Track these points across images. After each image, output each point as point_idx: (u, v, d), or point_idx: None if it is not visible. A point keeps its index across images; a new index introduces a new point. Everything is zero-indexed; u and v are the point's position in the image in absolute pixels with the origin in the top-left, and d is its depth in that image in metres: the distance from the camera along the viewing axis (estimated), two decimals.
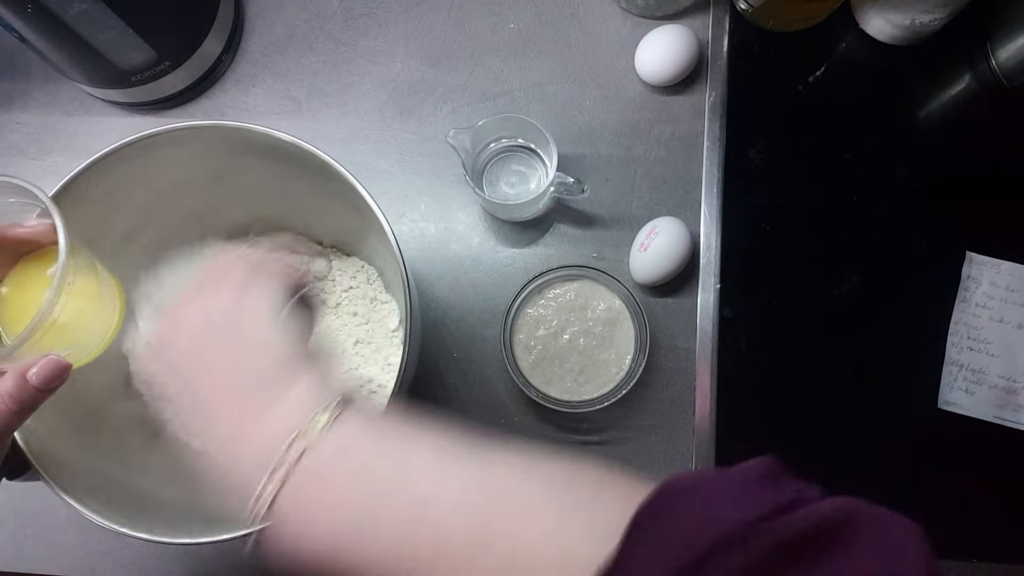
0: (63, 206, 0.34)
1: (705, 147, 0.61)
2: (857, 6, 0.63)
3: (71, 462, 0.43)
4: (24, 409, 0.35)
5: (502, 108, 0.62)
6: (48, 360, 0.35)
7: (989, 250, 0.61)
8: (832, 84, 0.64)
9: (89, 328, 0.38)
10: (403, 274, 0.43)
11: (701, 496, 0.24)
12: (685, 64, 0.59)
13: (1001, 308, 0.60)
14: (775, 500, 0.23)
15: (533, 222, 0.60)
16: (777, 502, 0.23)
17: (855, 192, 0.62)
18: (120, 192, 0.48)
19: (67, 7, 0.49)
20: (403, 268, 0.43)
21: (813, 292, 0.61)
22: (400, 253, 0.44)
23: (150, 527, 0.41)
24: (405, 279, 0.43)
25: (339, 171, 0.44)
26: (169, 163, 0.48)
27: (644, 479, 0.26)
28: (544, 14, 0.64)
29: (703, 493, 0.24)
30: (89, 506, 0.40)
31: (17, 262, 0.38)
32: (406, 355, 0.43)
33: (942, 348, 0.60)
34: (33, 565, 0.57)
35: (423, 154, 0.62)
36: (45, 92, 0.64)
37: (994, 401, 0.59)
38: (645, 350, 0.54)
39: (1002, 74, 0.62)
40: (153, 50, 0.57)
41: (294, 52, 0.64)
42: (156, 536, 0.40)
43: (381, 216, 0.44)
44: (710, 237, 0.59)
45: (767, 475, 0.25)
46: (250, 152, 0.48)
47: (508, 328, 0.55)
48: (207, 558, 0.57)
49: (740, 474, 0.25)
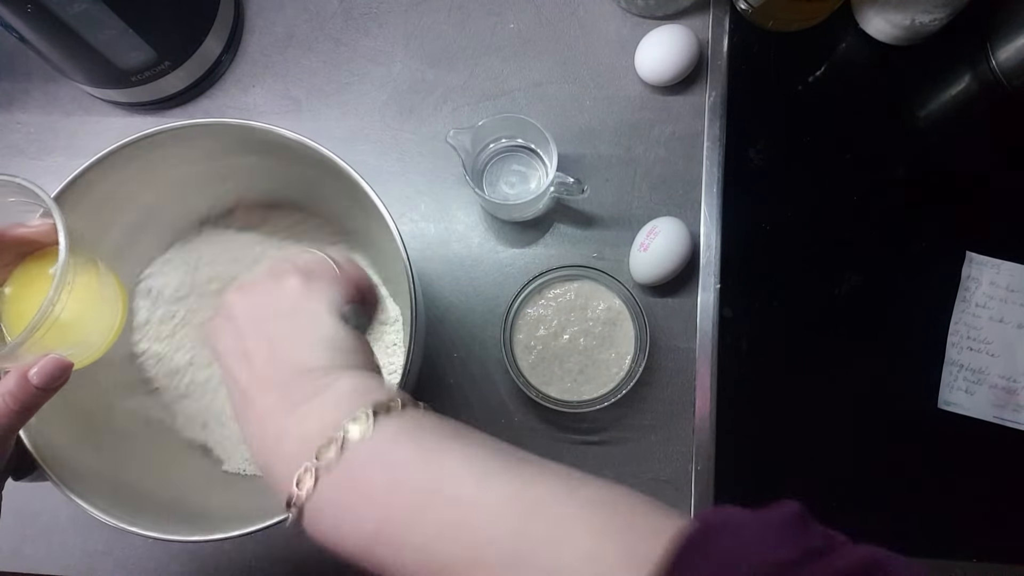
0: (65, 205, 0.34)
1: (705, 147, 0.61)
2: (857, 6, 0.63)
3: (77, 462, 0.43)
4: (26, 409, 0.35)
5: (502, 108, 0.62)
6: (49, 359, 0.35)
7: (989, 250, 0.61)
8: (832, 84, 0.64)
9: (91, 327, 0.38)
10: (409, 276, 0.43)
11: (740, 535, 0.25)
12: (685, 64, 0.59)
13: (1001, 308, 0.60)
14: (807, 545, 0.24)
15: (533, 222, 0.60)
16: (810, 547, 0.24)
17: (855, 192, 0.62)
18: (123, 191, 0.48)
19: (67, 7, 0.49)
20: (409, 269, 0.43)
21: (813, 292, 0.61)
22: (406, 253, 0.44)
23: (156, 525, 0.41)
24: (411, 280, 0.43)
25: (345, 170, 0.44)
26: (172, 162, 0.48)
27: (677, 512, 0.27)
28: (544, 14, 0.64)
29: (742, 532, 0.25)
30: (97, 505, 0.41)
31: (21, 262, 0.38)
32: (411, 355, 0.43)
33: (942, 348, 0.60)
34: (33, 565, 0.57)
35: (423, 154, 0.62)
36: (45, 92, 0.64)
37: (994, 401, 0.59)
38: (645, 350, 0.54)
39: (1002, 74, 0.62)
40: (153, 50, 0.57)
41: (294, 52, 0.64)
42: (165, 534, 0.40)
43: (387, 214, 0.44)
44: (710, 237, 0.59)
45: (798, 519, 0.25)
46: (253, 150, 0.48)
47: (508, 328, 0.55)
48: (207, 558, 0.57)
49: (774, 516, 0.25)
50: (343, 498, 0.29)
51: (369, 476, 0.29)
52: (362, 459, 0.29)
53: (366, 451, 0.29)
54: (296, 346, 0.33)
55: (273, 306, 0.35)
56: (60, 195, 0.43)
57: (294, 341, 0.34)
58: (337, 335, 0.34)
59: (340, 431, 0.29)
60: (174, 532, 0.41)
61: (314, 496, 0.29)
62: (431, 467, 0.29)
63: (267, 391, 0.32)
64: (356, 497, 0.29)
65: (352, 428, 0.29)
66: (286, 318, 0.35)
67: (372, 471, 0.29)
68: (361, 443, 0.29)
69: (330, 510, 0.29)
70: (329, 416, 0.30)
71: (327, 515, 0.29)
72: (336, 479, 0.29)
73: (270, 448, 0.31)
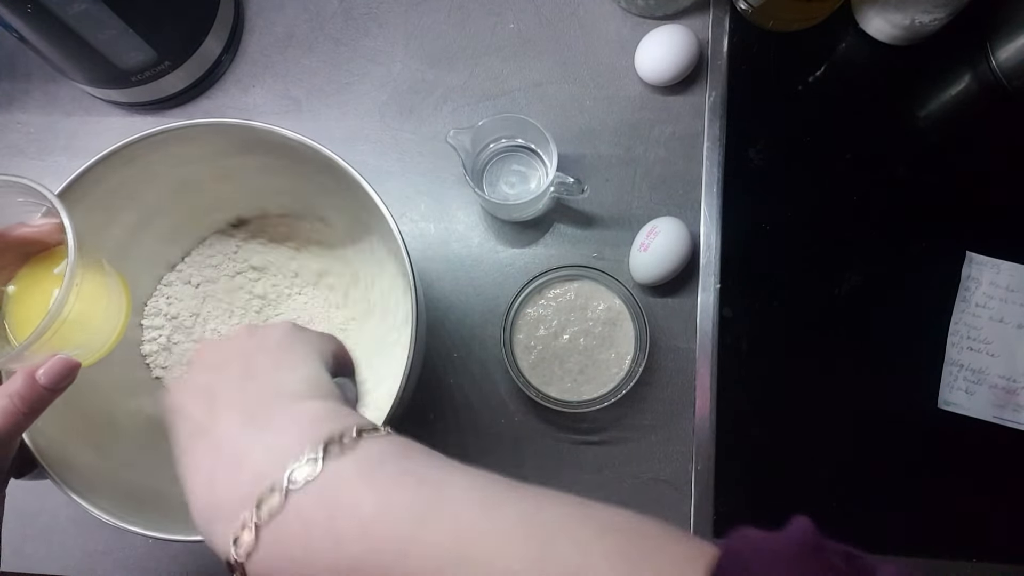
0: (69, 204, 0.34)
1: (705, 147, 0.61)
2: (857, 6, 0.63)
3: (78, 461, 0.43)
4: (33, 410, 0.35)
5: (502, 108, 0.62)
6: (57, 360, 0.35)
7: (989, 250, 0.61)
8: (832, 84, 0.64)
9: (97, 327, 0.38)
10: (410, 276, 0.43)
11: (768, 562, 0.23)
12: (685, 64, 0.59)
13: (1001, 308, 0.60)
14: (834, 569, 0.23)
15: (533, 222, 0.60)
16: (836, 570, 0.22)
17: (855, 192, 0.62)
18: (126, 190, 0.48)
19: (67, 7, 0.49)
20: (410, 270, 0.43)
21: (813, 292, 0.61)
22: (407, 252, 0.44)
23: (159, 525, 0.41)
24: (412, 281, 0.43)
25: (347, 170, 0.44)
26: (175, 161, 0.48)
27: (698, 537, 0.25)
28: (544, 14, 0.64)
29: (771, 559, 0.23)
30: (97, 504, 0.41)
31: (24, 262, 0.38)
32: (411, 356, 0.43)
33: (942, 348, 0.60)
34: (33, 565, 0.57)
35: (423, 154, 0.62)
36: (45, 92, 0.64)
37: (994, 401, 0.59)
38: (645, 350, 0.54)
39: (1002, 74, 0.62)
40: (153, 50, 0.57)
41: (294, 52, 0.64)
42: (165, 534, 0.40)
43: (388, 215, 0.44)
44: (710, 237, 0.59)
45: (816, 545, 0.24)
46: (255, 150, 0.48)
47: (508, 328, 0.55)
48: (207, 558, 0.57)
49: (795, 538, 0.23)
50: (318, 521, 0.25)
51: (352, 497, 0.25)
52: (343, 478, 0.25)
53: (349, 469, 0.26)
54: (277, 371, 0.31)
55: (257, 344, 0.33)
56: (62, 194, 0.43)
57: (275, 368, 0.31)
58: (322, 378, 0.32)
59: (321, 449, 0.26)
60: (174, 532, 0.41)
61: (277, 519, 0.25)
62: (426, 490, 0.25)
63: (231, 412, 0.29)
64: (335, 521, 0.25)
65: (334, 448, 0.26)
66: (270, 353, 0.32)
67: (356, 492, 0.25)
68: (343, 462, 0.26)
69: (299, 535, 0.25)
70: (307, 431, 0.27)
71: (294, 542, 0.25)
72: (312, 500, 0.25)
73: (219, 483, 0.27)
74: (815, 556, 0.23)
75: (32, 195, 0.35)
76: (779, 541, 0.23)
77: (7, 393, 0.34)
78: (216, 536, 0.27)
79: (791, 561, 0.23)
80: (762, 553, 0.23)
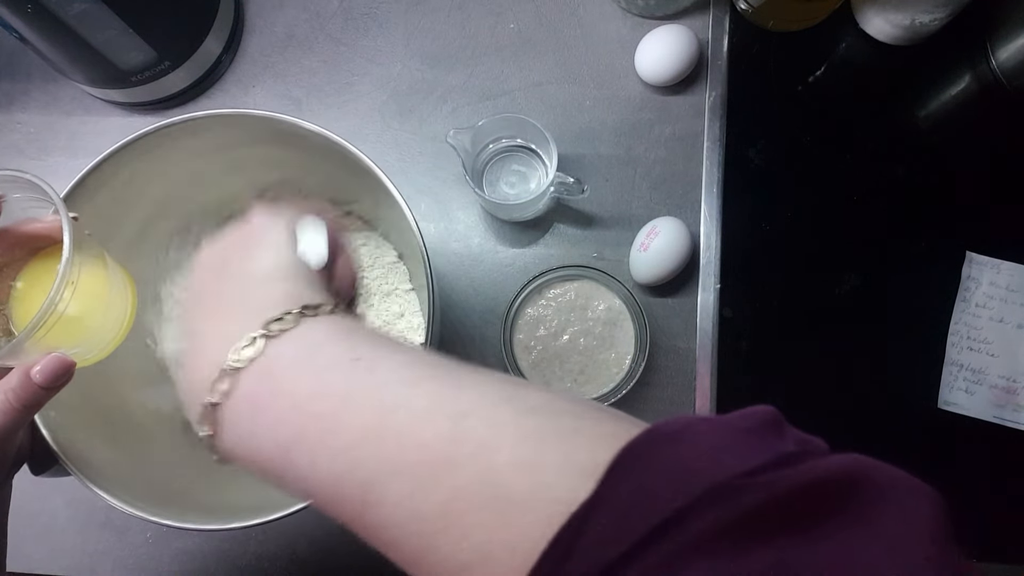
0: (77, 202, 0.34)
1: (705, 147, 0.61)
2: (857, 6, 0.63)
3: (96, 456, 0.43)
4: (28, 407, 0.35)
5: (502, 108, 0.62)
6: (52, 358, 0.35)
7: (989, 250, 0.61)
8: (832, 84, 0.64)
9: (98, 325, 0.38)
10: (426, 265, 0.44)
11: (695, 442, 0.22)
12: (685, 64, 0.59)
13: (1001, 308, 0.60)
14: (776, 451, 0.21)
15: (533, 222, 0.60)
16: (780, 453, 0.21)
17: (855, 192, 0.62)
18: (135, 186, 0.48)
19: (67, 7, 0.49)
20: (425, 254, 0.44)
21: (813, 292, 0.61)
22: (422, 239, 0.44)
23: (178, 517, 0.41)
24: (428, 270, 0.44)
25: (363, 160, 0.44)
26: (184, 155, 0.48)
27: (632, 419, 0.24)
28: (544, 14, 0.64)
29: (697, 439, 0.22)
30: (120, 498, 0.41)
31: (33, 257, 0.38)
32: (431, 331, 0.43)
33: (942, 348, 0.60)
34: (33, 565, 0.57)
35: (423, 154, 0.62)
36: (45, 92, 0.64)
37: (994, 401, 0.59)
38: (645, 350, 0.54)
39: (1002, 74, 0.62)
40: (153, 50, 0.57)
41: (294, 52, 0.64)
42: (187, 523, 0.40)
43: (403, 203, 0.44)
44: (710, 237, 0.59)
45: (769, 424, 0.23)
46: (265, 141, 0.47)
47: (508, 328, 0.55)
48: (208, 558, 0.57)
49: (738, 422, 0.22)
50: (262, 400, 0.27)
51: (292, 376, 0.27)
52: (285, 359, 0.27)
53: (289, 350, 0.27)
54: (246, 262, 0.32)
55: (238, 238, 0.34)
56: (71, 192, 0.43)
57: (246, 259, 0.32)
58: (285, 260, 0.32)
59: (261, 330, 0.27)
60: (190, 521, 0.41)
61: (231, 399, 0.27)
62: (358, 370, 0.27)
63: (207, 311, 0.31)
64: (276, 399, 0.27)
65: (274, 327, 0.28)
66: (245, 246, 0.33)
67: (295, 371, 0.27)
68: (284, 343, 0.27)
69: (248, 413, 0.27)
70: (254, 316, 0.28)
71: (244, 420, 0.27)
72: (255, 380, 0.27)
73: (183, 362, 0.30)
74: (762, 431, 0.22)
75: (36, 191, 0.35)
76: (727, 417, 0.23)
77: (2, 389, 0.34)
78: (195, 424, 0.29)
79: (736, 432, 0.22)
80: (698, 426, 0.22)
